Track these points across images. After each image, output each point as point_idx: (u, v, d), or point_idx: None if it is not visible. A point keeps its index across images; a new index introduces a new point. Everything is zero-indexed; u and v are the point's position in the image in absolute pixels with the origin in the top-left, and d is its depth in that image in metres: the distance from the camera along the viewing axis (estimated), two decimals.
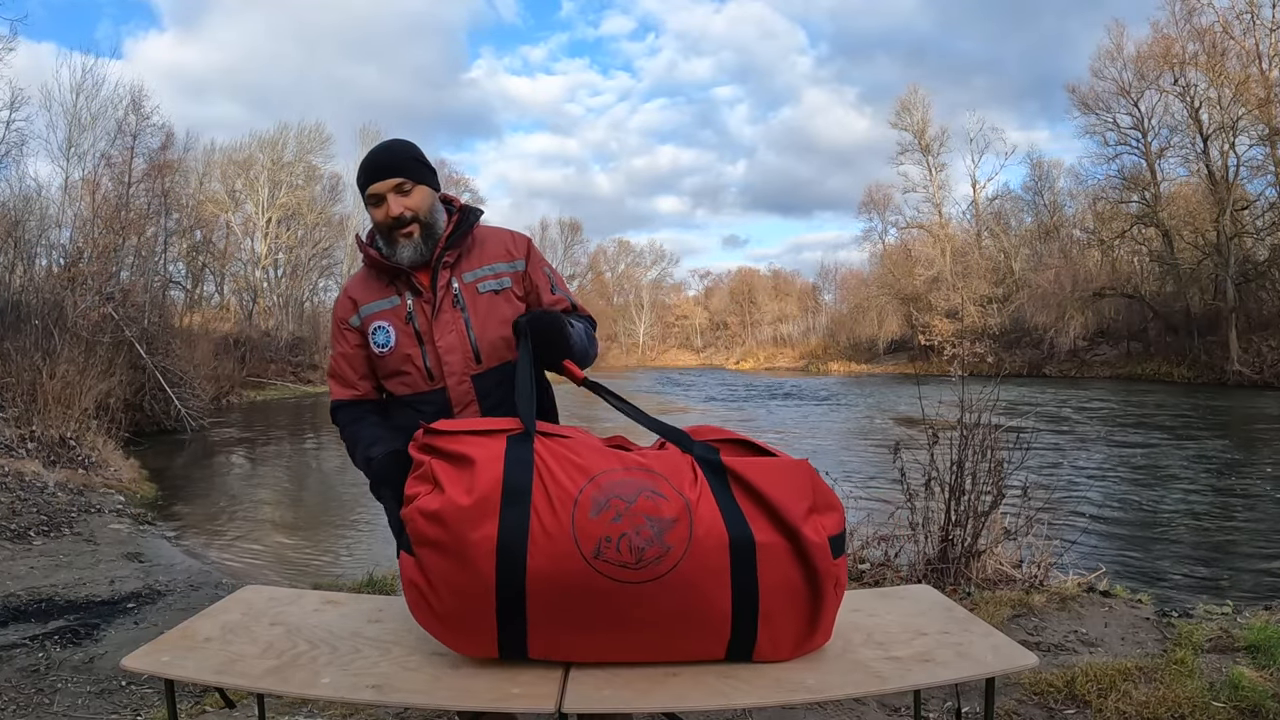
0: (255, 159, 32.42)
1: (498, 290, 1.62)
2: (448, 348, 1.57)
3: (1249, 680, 2.41)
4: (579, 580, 1.22)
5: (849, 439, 12.98)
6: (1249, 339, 24.19)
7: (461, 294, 1.59)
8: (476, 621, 1.26)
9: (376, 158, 1.58)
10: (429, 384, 1.59)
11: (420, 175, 1.59)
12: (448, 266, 1.59)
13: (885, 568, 3.88)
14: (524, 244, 1.68)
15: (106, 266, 13.85)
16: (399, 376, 1.61)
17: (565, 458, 1.30)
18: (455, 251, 1.60)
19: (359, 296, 1.63)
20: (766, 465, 1.34)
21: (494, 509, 1.23)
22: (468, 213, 1.65)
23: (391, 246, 1.58)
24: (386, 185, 1.55)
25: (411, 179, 1.57)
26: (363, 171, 1.58)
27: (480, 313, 1.59)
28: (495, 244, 1.66)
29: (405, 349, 1.58)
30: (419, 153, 1.62)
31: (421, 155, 1.62)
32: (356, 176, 1.61)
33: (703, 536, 1.25)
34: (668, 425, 1.43)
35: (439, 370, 1.58)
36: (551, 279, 1.69)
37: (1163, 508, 7.16)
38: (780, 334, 52.60)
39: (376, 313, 1.60)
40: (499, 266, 1.63)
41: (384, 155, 1.58)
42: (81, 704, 2.64)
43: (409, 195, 1.56)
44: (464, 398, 1.59)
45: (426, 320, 1.58)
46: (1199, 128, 26.15)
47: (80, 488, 6.65)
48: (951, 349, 32.30)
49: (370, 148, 1.65)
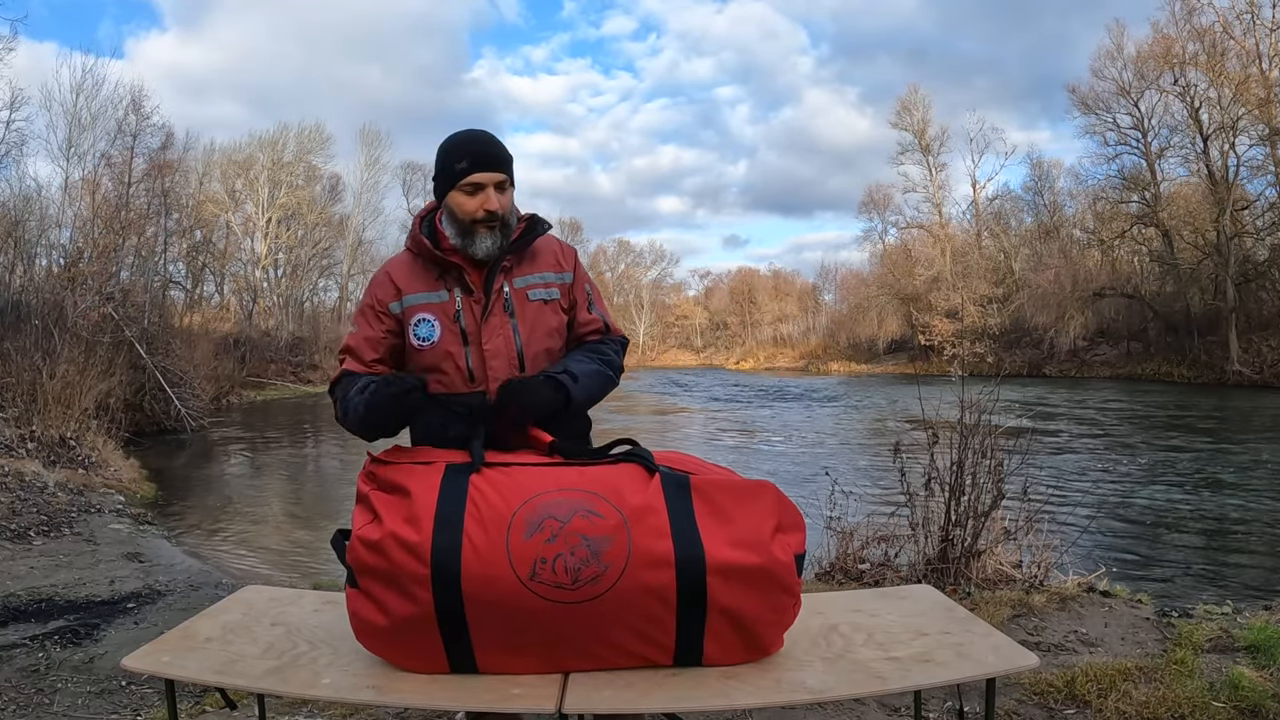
0: (255, 159, 32.44)
1: (547, 300, 1.59)
2: (494, 351, 1.53)
3: (1249, 680, 2.41)
4: (516, 602, 1.23)
5: (849, 439, 12.97)
6: (1249, 339, 24.20)
7: (512, 299, 1.56)
8: (423, 645, 1.28)
9: (488, 147, 1.53)
10: (468, 385, 1.54)
11: (513, 179, 1.58)
12: (504, 271, 1.56)
13: (885, 568, 3.88)
14: (572, 256, 1.67)
15: (106, 266, 13.85)
16: (434, 374, 1.55)
17: (500, 482, 1.30)
18: (514, 257, 1.58)
19: (404, 284, 1.57)
20: (732, 485, 1.35)
21: (428, 536, 1.24)
22: (536, 222, 1.61)
23: (468, 238, 1.53)
24: (493, 178, 1.52)
25: (510, 180, 1.56)
26: (468, 155, 1.51)
27: (528, 320, 1.56)
28: (547, 253, 1.63)
29: (448, 346, 1.53)
30: (509, 151, 1.60)
31: (511, 153, 1.60)
32: (449, 156, 1.53)
33: (643, 554, 1.25)
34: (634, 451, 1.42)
35: (482, 373, 1.53)
36: (590, 296, 1.67)
37: (1163, 508, 7.16)
38: (780, 334, 52.60)
39: (422, 304, 1.55)
40: (549, 276, 1.61)
41: (495, 147, 1.54)
42: (81, 704, 2.64)
43: (504, 194, 1.54)
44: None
45: (475, 321, 1.53)
46: (1199, 128, 26.16)
47: (80, 488, 6.64)
48: (951, 349, 32.29)
49: (459, 135, 1.57)
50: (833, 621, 1.56)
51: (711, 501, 1.32)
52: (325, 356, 28.19)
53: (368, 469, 1.36)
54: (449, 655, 1.28)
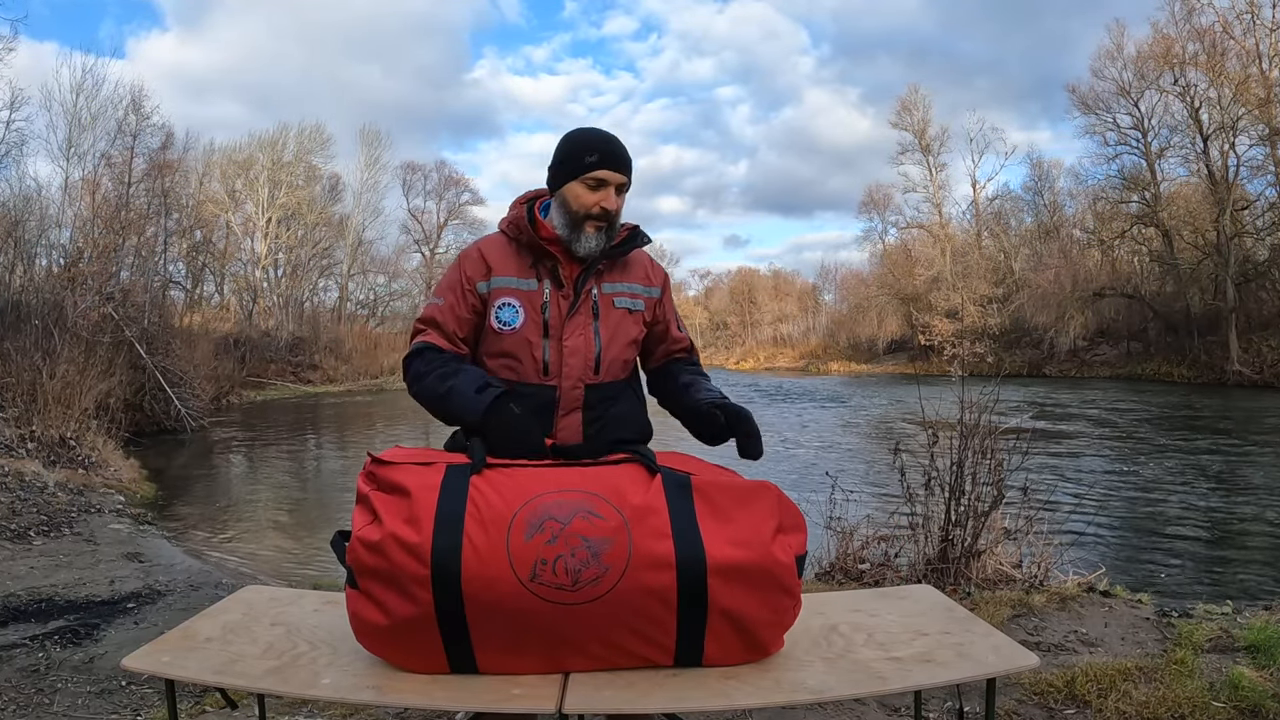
0: (255, 159, 32.43)
1: (631, 310, 1.61)
2: (573, 349, 1.54)
3: (1249, 680, 2.41)
4: (516, 603, 1.23)
5: (849, 439, 12.97)
6: (1249, 339, 24.20)
7: (599, 302, 1.58)
8: (423, 645, 1.28)
9: (620, 149, 1.55)
10: (540, 378, 1.55)
11: (629, 187, 1.59)
12: (597, 274, 1.58)
13: (885, 568, 3.88)
14: (662, 275, 1.70)
15: (106, 266, 13.84)
16: (508, 359, 1.56)
17: (501, 483, 1.30)
18: (609, 262, 1.60)
19: (496, 265, 1.56)
20: (733, 486, 1.35)
21: (428, 537, 1.24)
22: (638, 234, 1.63)
23: (574, 231, 1.53)
24: (618, 179, 1.53)
25: (628, 185, 1.57)
26: (600, 151, 1.52)
27: (610, 325, 1.58)
28: (638, 266, 1.66)
29: (528, 335, 1.54)
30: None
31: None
32: (578, 147, 1.53)
33: (643, 555, 1.25)
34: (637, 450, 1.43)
35: (558, 368, 1.54)
36: (677, 316, 1.73)
37: (1163, 508, 7.16)
38: (780, 334, 52.59)
39: (510, 289, 1.55)
40: (636, 287, 1.63)
41: (625, 151, 1.56)
42: (81, 704, 2.64)
43: (620, 198, 1.56)
44: (573, 403, 1.56)
45: (559, 316, 1.54)
46: (1199, 128, 26.15)
47: (80, 488, 6.64)
48: (951, 349, 32.30)
49: (589, 130, 1.58)
50: (833, 621, 1.56)
51: (712, 502, 1.32)
52: (325, 356, 28.21)
53: (368, 469, 1.36)
54: (449, 656, 1.28)
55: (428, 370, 1.52)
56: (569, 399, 1.56)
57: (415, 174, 39.90)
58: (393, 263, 38.30)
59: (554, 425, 1.55)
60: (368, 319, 36.26)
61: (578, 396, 1.57)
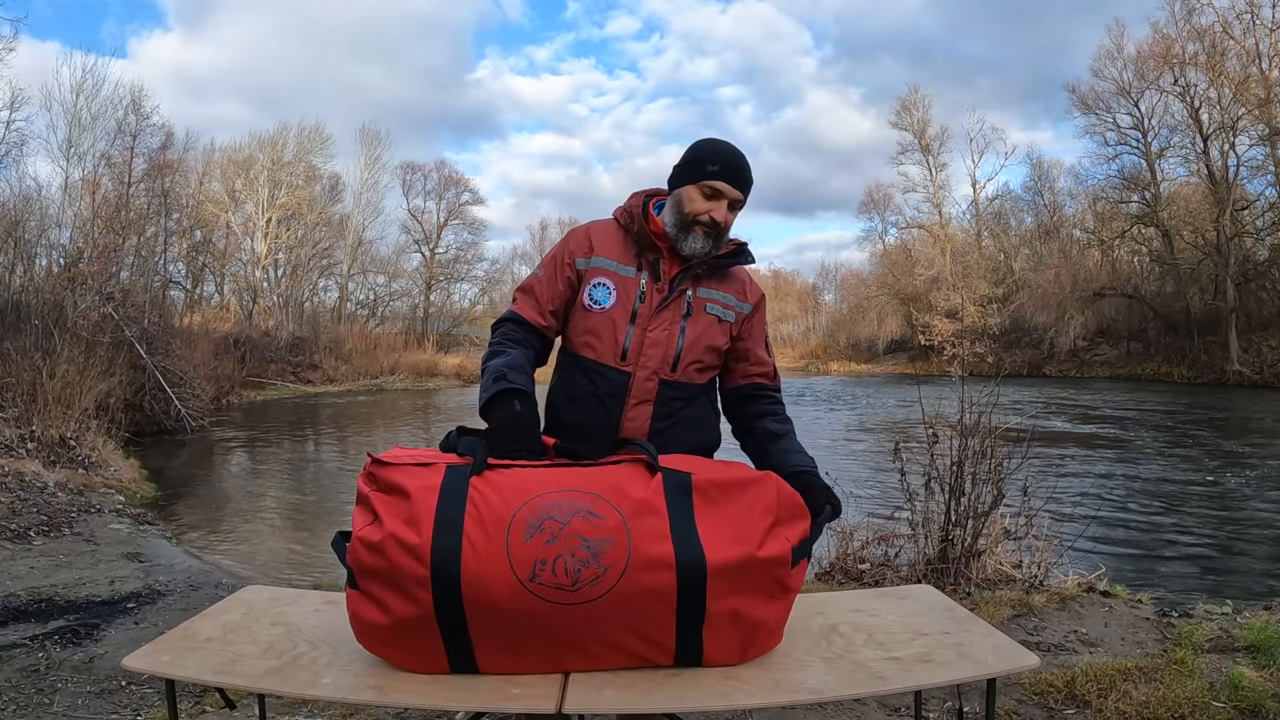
0: (255, 159, 32.41)
1: (720, 319, 1.63)
2: (655, 340, 1.57)
3: (1249, 680, 2.41)
4: (516, 604, 1.23)
5: (849, 439, 12.98)
6: (1249, 339, 24.21)
7: (692, 304, 1.60)
8: (423, 645, 1.28)
9: (742, 165, 1.58)
10: (617, 362, 1.58)
11: (744, 204, 1.62)
12: (695, 277, 1.61)
13: (885, 568, 3.88)
14: (758, 294, 1.72)
15: (106, 266, 13.83)
16: (591, 337, 1.59)
17: (500, 483, 1.30)
18: (710, 269, 1.62)
19: (600, 246, 1.61)
20: (734, 482, 1.35)
21: (428, 538, 1.24)
22: (743, 250, 1.66)
23: (683, 232, 1.57)
24: (734, 193, 1.57)
25: (743, 203, 1.61)
26: (724, 162, 1.56)
27: (697, 327, 1.60)
28: (738, 280, 1.69)
29: (616, 317, 1.57)
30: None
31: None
32: (703, 154, 1.57)
33: (643, 556, 1.25)
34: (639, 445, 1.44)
35: (636, 356, 1.57)
36: (767, 341, 1.73)
37: (1163, 508, 7.16)
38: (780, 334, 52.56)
39: (609, 271, 1.59)
40: (730, 299, 1.65)
41: (748, 169, 1.59)
42: (81, 704, 2.64)
43: (732, 212, 1.59)
44: (645, 394, 1.58)
45: (649, 307, 1.58)
46: (1199, 128, 26.16)
47: (80, 488, 6.64)
48: (951, 349, 32.30)
49: (720, 142, 1.61)
50: (833, 621, 1.56)
51: (713, 500, 1.32)
52: (325, 356, 28.19)
53: (368, 469, 1.36)
54: (449, 656, 1.28)
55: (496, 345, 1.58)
56: (642, 389, 1.58)
57: (415, 174, 39.87)
58: (393, 263, 38.29)
59: (623, 414, 1.57)
60: (368, 319, 36.24)
61: (651, 389, 1.58)
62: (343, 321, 33.58)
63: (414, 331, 35.81)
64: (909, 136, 38.50)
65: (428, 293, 38.34)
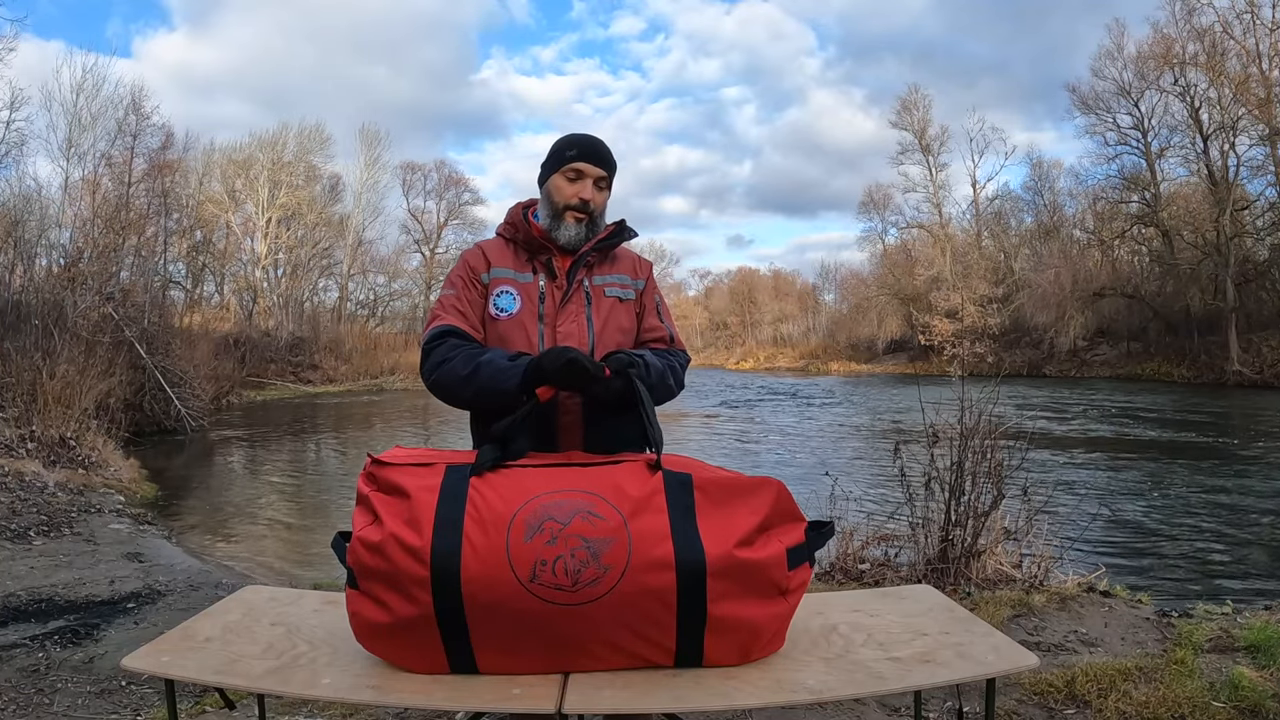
0: (255, 159, 32.43)
1: (621, 299, 1.68)
2: (566, 334, 1.60)
3: (1249, 680, 2.41)
4: (516, 604, 1.23)
5: (849, 439, 12.97)
6: (1249, 339, 24.22)
7: (591, 292, 1.65)
8: (423, 645, 1.28)
9: (597, 145, 1.66)
10: None
11: (612, 182, 1.70)
12: (587, 265, 1.66)
13: (885, 568, 3.88)
14: (648, 268, 1.78)
15: (106, 266, 13.83)
16: (503, 343, 1.60)
17: (500, 484, 1.31)
18: (598, 255, 1.67)
19: (494, 258, 1.66)
20: (734, 483, 1.35)
21: (428, 539, 1.25)
22: (624, 229, 1.72)
23: (556, 221, 1.63)
24: (595, 172, 1.64)
25: (609, 180, 1.68)
26: (578, 146, 1.64)
27: (602, 314, 1.64)
28: (626, 258, 1.75)
29: (524, 321, 1.61)
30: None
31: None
32: (560, 145, 1.66)
33: (643, 556, 1.25)
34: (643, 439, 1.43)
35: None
36: (659, 307, 1.76)
37: (1163, 508, 7.16)
38: (780, 334, 52.62)
39: (507, 279, 1.64)
40: (625, 279, 1.71)
41: (603, 148, 1.67)
42: (81, 704, 2.64)
43: (601, 191, 1.66)
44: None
45: (553, 305, 1.62)
46: (1199, 128, 26.17)
47: (80, 488, 6.64)
48: (951, 349, 32.32)
49: (573, 132, 1.70)
50: (833, 621, 1.56)
51: (713, 501, 1.32)
52: (325, 356, 28.21)
53: (368, 470, 1.36)
54: (449, 656, 1.28)
55: (450, 355, 1.54)
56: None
57: (415, 174, 39.93)
58: (393, 263, 38.33)
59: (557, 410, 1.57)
60: (368, 319, 36.27)
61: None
62: (343, 321, 33.60)
63: (414, 331, 35.83)
64: (909, 136, 38.57)
65: (428, 293, 38.35)
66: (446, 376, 1.53)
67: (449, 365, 1.53)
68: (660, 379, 1.58)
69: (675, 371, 1.67)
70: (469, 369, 1.51)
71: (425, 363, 1.58)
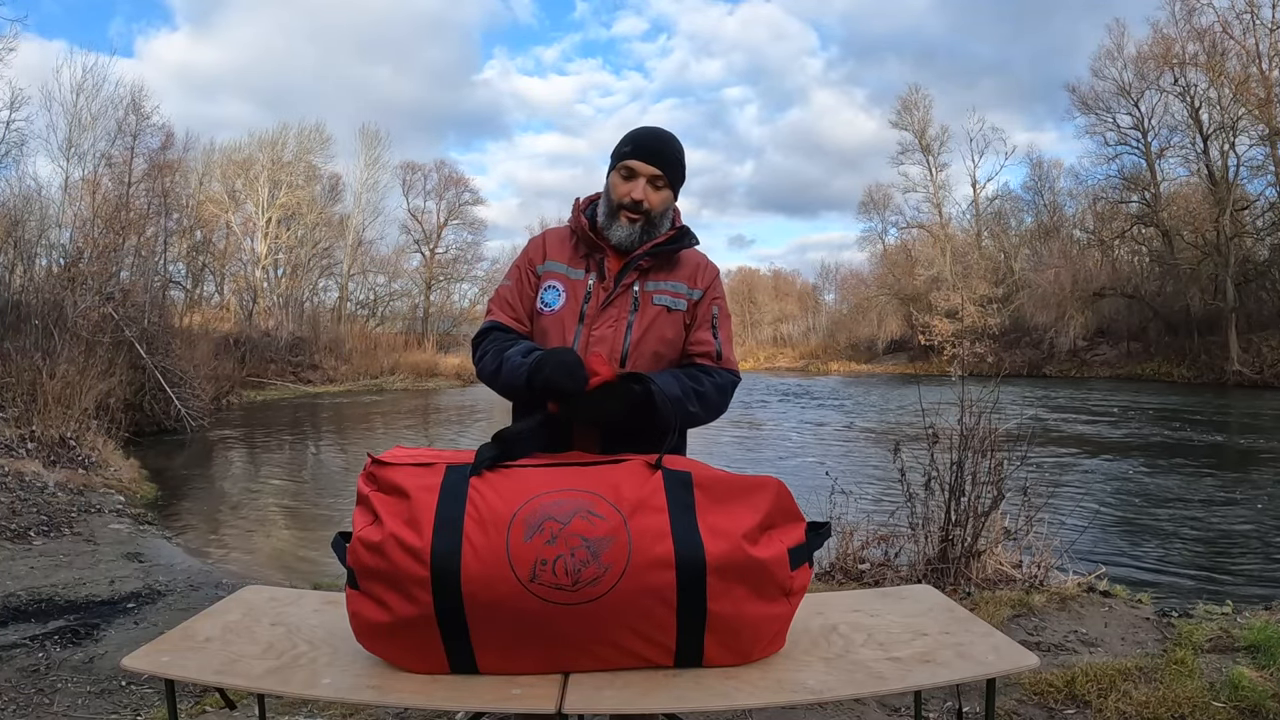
0: (255, 159, 32.42)
1: (670, 309, 1.62)
2: (600, 338, 1.58)
3: (1249, 680, 2.41)
4: (516, 604, 1.23)
5: (849, 439, 12.97)
6: (1249, 339, 24.22)
7: (639, 298, 1.60)
8: (423, 645, 1.28)
9: (655, 142, 1.60)
10: None
11: (675, 180, 1.63)
12: (640, 270, 1.61)
13: (885, 568, 3.88)
14: (711, 275, 1.68)
15: (106, 266, 13.81)
16: (543, 339, 1.61)
17: (500, 484, 1.31)
18: (654, 259, 1.62)
19: (552, 251, 1.65)
20: (734, 482, 1.35)
21: (428, 539, 1.25)
22: (685, 234, 1.65)
23: (610, 220, 1.60)
24: (649, 170, 1.58)
25: (668, 178, 1.61)
26: (636, 144, 1.60)
27: (645, 321, 1.60)
28: (688, 265, 1.67)
29: (565, 318, 1.60)
30: (684, 158, 1.64)
31: (684, 162, 1.65)
32: (621, 141, 1.62)
33: (643, 555, 1.25)
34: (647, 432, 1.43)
35: (583, 355, 1.54)
36: (715, 319, 1.66)
37: (1163, 508, 7.16)
38: (780, 334, 52.58)
39: (560, 274, 1.63)
40: (680, 287, 1.64)
41: (662, 144, 1.61)
42: (81, 704, 2.64)
43: (658, 191, 1.59)
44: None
45: (596, 306, 1.60)
46: (1199, 128, 26.17)
47: (80, 488, 6.64)
48: (951, 349, 32.31)
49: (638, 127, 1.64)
50: (833, 621, 1.56)
51: (714, 499, 1.32)
52: (325, 356, 28.18)
53: (368, 470, 1.36)
54: (449, 656, 1.28)
55: (487, 350, 1.58)
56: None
57: (415, 174, 39.88)
58: (393, 263, 38.29)
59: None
60: (368, 319, 36.24)
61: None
62: (343, 321, 33.57)
63: (414, 331, 35.82)
64: (909, 136, 38.53)
65: (428, 293, 38.35)
66: (483, 372, 1.58)
67: (484, 361, 1.57)
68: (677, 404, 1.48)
69: (704, 396, 1.56)
70: (495, 365, 1.54)
71: (473, 357, 1.63)
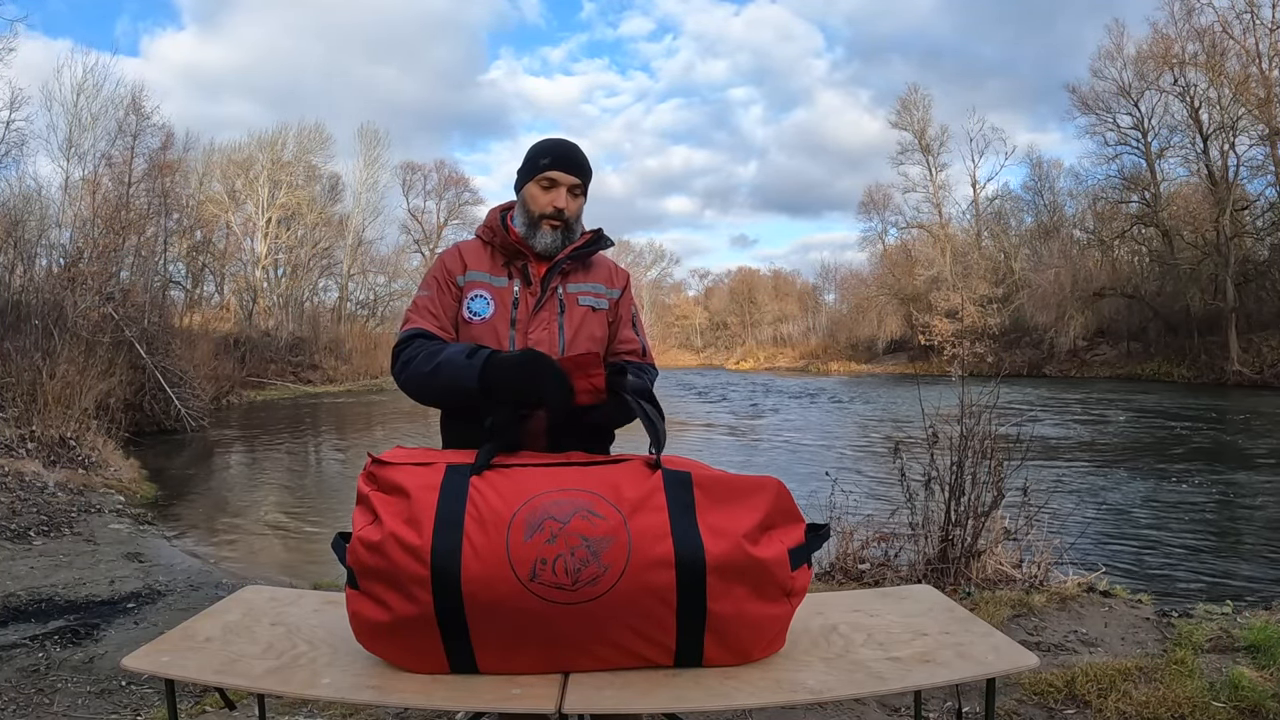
0: (255, 159, 32.42)
1: (594, 308, 1.68)
2: (537, 340, 1.60)
3: (1249, 680, 2.41)
4: (516, 603, 1.23)
5: (849, 439, 12.98)
6: (1249, 339, 24.22)
7: (564, 300, 1.65)
8: (423, 645, 1.28)
9: (571, 152, 1.67)
10: None
11: (587, 188, 1.70)
12: (562, 273, 1.66)
13: (885, 568, 3.88)
14: (624, 277, 1.78)
15: (106, 266, 13.82)
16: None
17: (500, 483, 1.31)
18: (573, 263, 1.67)
19: (471, 262, 1.67)
20: (734, 482, 1.35)
21: (428, 538, 1.25)
22: (600, 237, 1.72)
23: (533, 229, 1.64)
24: (569, 179, 1.64)
25: (584, 187, 1.68)
26: (552, 154, 1.65)
27: (574, 322, 1.65)
28: (602, 267, 1.75)
29: (496, 325, 1.61)
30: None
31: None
32: (535, 152, 1.66)
33: (643, 554, 1.25)
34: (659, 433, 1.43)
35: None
36: (635, 319, 1.77)
37: (1163, 508, 7.16)
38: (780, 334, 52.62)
39: (482, 282, 1.65)
40: (600, 287, 1.71)
41: (578, 154, 1.68)
42: (81, 704, 2.64)
43: (576, 199, 1.66)
44: None
45: (526, 311, 1.63)
46: (1199, 128, 26.17)
47: (80, 488, 6.64)
48: (951, 349, 32.30)
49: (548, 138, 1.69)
50: (833, 621, 1.56)
51: (713, 499, 1.32)
52: (325, 356, 28.20)
53: (368, 469, 1.36)
54: (449, 656, 1.28)
55: (414, 355, 1.57)
56: None
57: (415, 174, 39.96)
58: (393, 263, 38.33)
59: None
60: (368, 319, 36.26)
61: None
62: (343, 321, 33.58)
63: None
64: (909, 136, 38.57)
65: None
66: (413, 377, 1.56)
67: (414, 365, 1.55)
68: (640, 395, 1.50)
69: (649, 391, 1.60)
70: (430, 367, 1.52)
71: (394, 365, 1.61)
